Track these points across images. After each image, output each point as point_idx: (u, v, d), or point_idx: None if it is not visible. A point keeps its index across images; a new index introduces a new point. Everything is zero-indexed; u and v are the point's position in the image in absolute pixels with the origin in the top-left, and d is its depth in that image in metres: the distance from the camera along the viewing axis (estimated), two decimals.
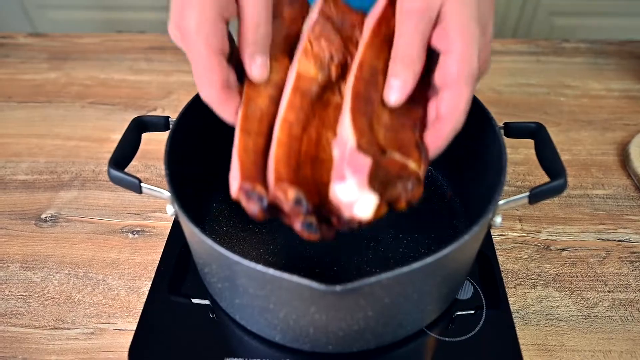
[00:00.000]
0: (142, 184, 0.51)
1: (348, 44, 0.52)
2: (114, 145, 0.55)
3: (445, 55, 0.43)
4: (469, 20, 0.42)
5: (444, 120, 0.44)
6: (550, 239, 0.68)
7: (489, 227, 0.51)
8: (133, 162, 0.78)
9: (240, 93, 0.49)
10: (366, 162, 0.41)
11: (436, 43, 0.44)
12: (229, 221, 0.64)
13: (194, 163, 0.61)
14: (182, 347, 0.54)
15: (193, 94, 0.59)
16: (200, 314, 0.57)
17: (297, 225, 0.41)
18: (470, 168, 0.62)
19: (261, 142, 0.47)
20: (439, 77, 0.44)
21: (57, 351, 0.57)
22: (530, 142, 0.57)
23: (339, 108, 0.49)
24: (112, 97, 0.95)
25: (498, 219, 0.50)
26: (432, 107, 0.47)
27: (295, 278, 0.39)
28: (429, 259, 0.40)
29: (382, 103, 0.48)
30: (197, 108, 0.59)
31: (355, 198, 0.40)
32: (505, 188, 0.75)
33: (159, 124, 0.58)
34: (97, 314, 0.60)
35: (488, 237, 0.65)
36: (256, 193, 0.42)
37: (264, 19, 0.47)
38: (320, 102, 0.49)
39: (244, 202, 0.43)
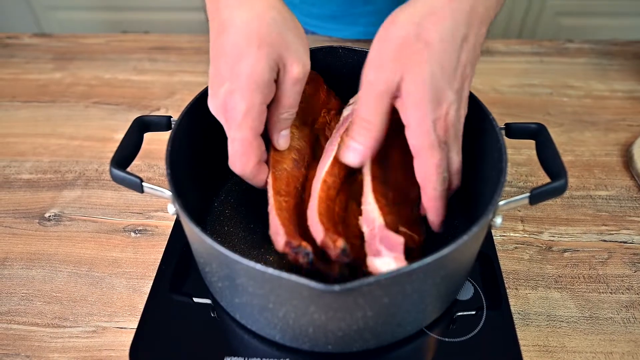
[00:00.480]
0: (143, 183, 0.51)
1: None
2: (117, 145, 0.55)
3: (406, 129, 0.49)
4: (422, 96, 0.46)
5: (423, 186, 0.51)
6: (552, 240, 0.68)
7: (490, 227, 0.51)
8: (136, 162, 0.79)
9: (268, 161, 0.56)
10: (399, 240, 0.47)
11: (400, 115, 0.49)
12: (230, 220, 0.64)
13: (196, 162, 0.61)
14: (182, 345, 0.54)
15: (196, 94, 0.59)
16: (202, 313, 0.57)
17: (334, 273, 0.49)
18: (470, 168, 0.62)
19: (291, 201, 0.54)
20: (410, 148, 0.49)
21: (60, 349, 0.57)
22: (533, 143, 0.57)
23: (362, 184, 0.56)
24: (116, 97, 0.95)
25: (498, 220, 0.50)
26: None
27: (294, 277, 0.39)
28: (427, 259, 0.40)
29: (387, 182, 0.56)
30: (199, 108, 0.59)
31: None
32: (507, 189, 0.75)
33: (161, 123, 0.58)
34: (99, 312, 0.61)
35: (489, 237, 0.65)
36: (302, 248, 0.48)
37: (297, 102, 0.53)
38: (352, 176, 0.57)
39: (292, 256, 0.49)
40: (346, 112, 0.65)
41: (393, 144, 0.58)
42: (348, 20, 1.03)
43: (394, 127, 0.60)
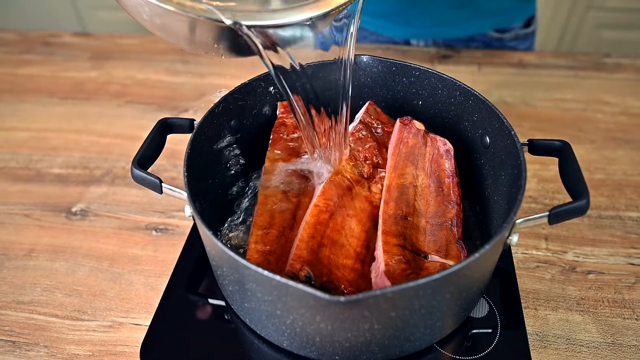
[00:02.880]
0: (162, 184, 0.52)
1: (382, 148, 0.62)
2: None
3: None
4: None
5: None
6: (577, 261, 0.66)
7: (506, 245, 0.50)
8: (162, 161, 0.81)
9: None
10: (387, 285, 0.47)
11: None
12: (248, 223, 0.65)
13: (218, 164, 0.62)
14: (193, 345, 0.55)
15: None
16: (214, 315, 0.58)
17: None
18: (491, 185, 0.60)
19: (274, 232, 0.55)
20: None
21: (77, 341, 0.59)
22: None
23: (366, 201, 0.58)
24: (148, 97, 0.97)
25: (514, 238, 0.48)
26: None
27: (300, 286, 0.39)
28: (434, 276, 0.39)
29: (418, 211, 0.57)
30: (220, 112, 0.60)
31: None
32: (532, 205, 0.73)
33: (184, 126, 0.59)
34: (117, 307, 0.62)
35: (508, 254, 0.63)
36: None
37: None
38: (351, 193, 0.58)
39: None
40: (349, 128, 0.65)
41: (413, 170, 0.59)
42: (401, 20, 1.03)
43: (409, 154, 0.60)
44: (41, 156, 0.84)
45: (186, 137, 0.61)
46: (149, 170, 0.53)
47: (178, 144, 0.69)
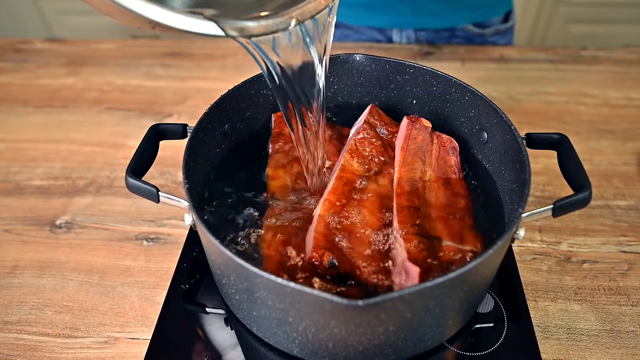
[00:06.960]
0: (160, 193, 0.50)
1: (387, 147, 0.64)
2: (129, 151, 0.54)
3: None
4: None
5: None
6: (571, 251, 0.67)
7: (513, 240, 0.50)
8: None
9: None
10: (416, 270, 0.48)
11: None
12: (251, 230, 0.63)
13: (214, 170, 0.60)
14: (197, 357, 0.53)
15: (209, 100, 0.59)
16: (216, 324, 0.56)
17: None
18: (491, 179, 0.61)
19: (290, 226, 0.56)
20: None
21: None
22: (549, 151, 0.56)
23: (374, 193, 0.59)
24: (128, 103, 0.95)
25: (521, 232, 0.49)
26: None
27: (316, 292, 0.38)
28: (451, 274, 0.39)
29: (428, 203, 0.57)
30: (215, 116, 0.58)
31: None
32: None
33: (177, 131, 0.57)
34: (111, 322, 0.60)
35: (509, 248, 0.64)
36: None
37: None
38: (360, 188, 0.59)
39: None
40: (353, 129, 0.65)
41: (421, 165, 0.59)
42: (380, 8, 1.03)
43: (417, 150, 0.60)
44: (20, 168, 0.81)
45: (172, 142, 0.60)
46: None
47: (164, 149, 0.67)
